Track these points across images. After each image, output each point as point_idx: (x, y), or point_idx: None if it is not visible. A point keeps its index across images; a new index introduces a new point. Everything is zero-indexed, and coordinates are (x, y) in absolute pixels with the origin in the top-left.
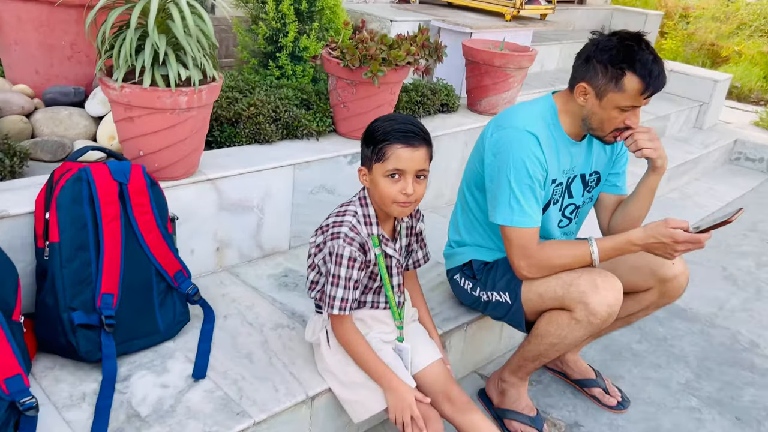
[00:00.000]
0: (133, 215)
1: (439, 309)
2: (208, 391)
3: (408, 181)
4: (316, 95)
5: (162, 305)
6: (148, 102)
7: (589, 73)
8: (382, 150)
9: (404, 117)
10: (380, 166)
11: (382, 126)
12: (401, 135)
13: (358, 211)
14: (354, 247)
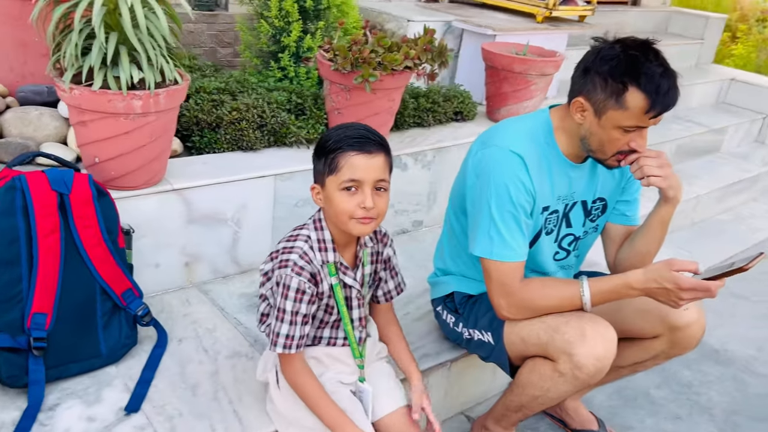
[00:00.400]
0: (75, 228)
1: (421, 343)
2: (136, 428)
3: (366, 192)
4: (314, 100)
5: (106, 327)
6: (99, 106)
7: (587, 86)
8: (335, 160)
9: (357, 125)
10: (334, 179)
11: (333, 135)
12: (354, 141)
13: (312, 235)
14: (303, 277)
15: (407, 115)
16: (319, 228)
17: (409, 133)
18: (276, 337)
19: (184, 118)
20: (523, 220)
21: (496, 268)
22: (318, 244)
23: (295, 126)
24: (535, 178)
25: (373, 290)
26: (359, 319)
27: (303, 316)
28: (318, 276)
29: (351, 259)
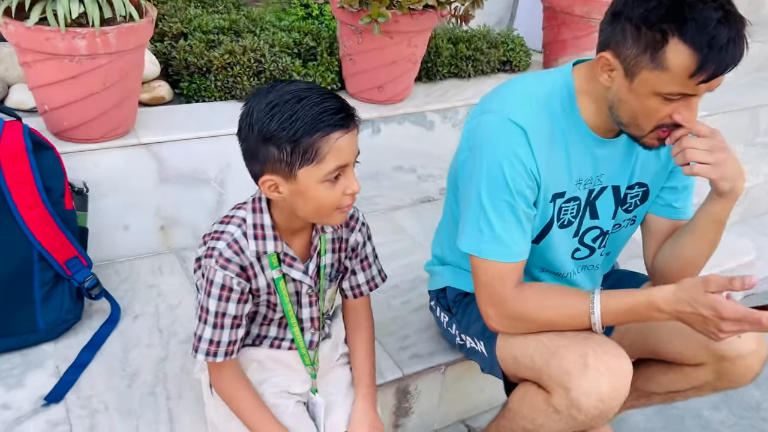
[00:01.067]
0: (6, 186)
1: (414, 340)
2: (49, 424)
3: (350, 175)
4: (330, 44)
5: (46, 299)
6: (37, 45)
7: (615, 36)
8: (313, 147)
9: (307, 85)
10: (313, 171)
11: (291, 110)
12: (338, 118)
13: (248, 218)
14: (230, 271)
15: (441, 64)
16: (258, 210)
17: (442, 86)
18: (198, 342)
19: (174, 60)
20: (521, 209)
21: (485, 268)
22: (254, 230)
23: (298, 74)
24: (541, 157)
25: (337, 282)
26: (311, 320)
27: (232, 318)
28: (250, 270)
29: (303, 247)
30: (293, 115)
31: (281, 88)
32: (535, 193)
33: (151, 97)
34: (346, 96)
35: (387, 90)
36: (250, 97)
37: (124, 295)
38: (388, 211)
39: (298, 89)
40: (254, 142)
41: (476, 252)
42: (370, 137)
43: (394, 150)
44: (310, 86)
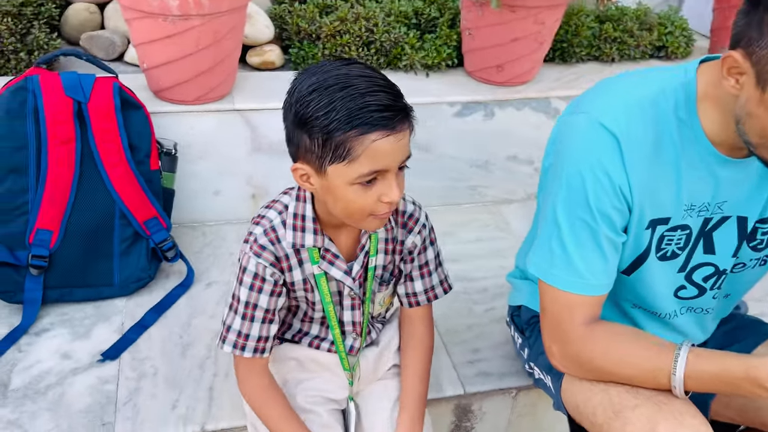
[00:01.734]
0: (94, 142)
1: (485, 355)
2: (99, 381)
3: (390, 182)
4: (453, 15)
5: (125, 255)
6: (134, 3)
7: (749, 31)
8: (344, 145)
9: (362, 71)
10: (344, 170)
11: (330, 98)
12: (378, 116)
13: (291, 206)
14: (263, 260)
15: (578, 45)
16: (302, 199)
17: (576, 70)
18: (226, 332)
19: (287, 25)
20: (604, 234)
21: (553, 297)
22: (294, 220)
23: (411, 46)
24: (637, 173)
25: (392, 287)
26: (353, 324)
27: (264, 311)
28: (284, 261)
29: (349, 245)
30: (330, 104)
31: (331, 69)
32: (625, 217)
33: (261, 62)
34: (462, 74)
35: (507, 70)
36: (300, 72)
37: (205, 259)
38: (497, 204)
39: (347, 75)
40: (291, 125)
41: (544, 276)
42: (482, 121)
43: (509, 137)
44: (363, 73)
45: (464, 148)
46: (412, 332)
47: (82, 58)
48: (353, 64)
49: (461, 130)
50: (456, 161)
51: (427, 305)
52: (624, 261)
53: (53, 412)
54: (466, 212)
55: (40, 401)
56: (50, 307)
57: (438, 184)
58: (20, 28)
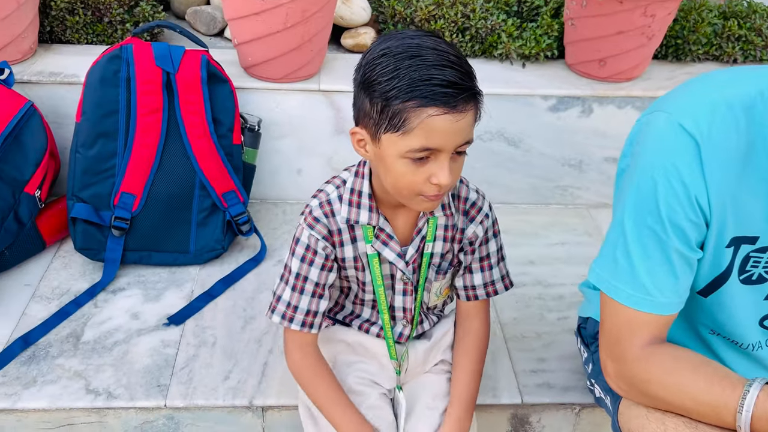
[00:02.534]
0: (180, 114)
1: (550, 366)
2: (162, 344)
3: (443, 163)
4: (559, 5)
5: (202, 225)
6: None
7: None
8: (400, 115)
9: (436, 44)
10: (396, 140)
11: (396, 65)
12: (439, 92)
13: (349, 181)
14: (315, 232)
15: (695, 42)
16: (360, 175)
17: (691, 69)
18: (276, 302)
19: (383, 8)
20: (675, 248)
21: (613, 311)
22: (350, 195)
23: (508, 35)
24: (718, 183)
25: (450, 277)
26: (404, 310)
27: (314, 284)
28: (336, 236)
29: (406, 227)
30: (395, 71)
31: (406, 37)
32: (702, 231)
33: (354, 44)
34: (562, 67)
35: (610, 65)
36: (381, 36)
37: (280, 236)
38: (589, 208)
39: (419, 45)
40: (356, 86)
41: (605, 287)
42: (578, 118)
43: (607, 137)
44: (435, 46)
45: (557, 145)
46: (468, 327)
47: (176, 30)
48: (430, 36)
49: (555, 125)
50: (546, 159)
51: (485, 300)
52: (700, 280)
53: (116, 369)
54: (553, 213)
55: (106, 356)
56: (129, 268)
57: (525, 180)
58: (129, 0)
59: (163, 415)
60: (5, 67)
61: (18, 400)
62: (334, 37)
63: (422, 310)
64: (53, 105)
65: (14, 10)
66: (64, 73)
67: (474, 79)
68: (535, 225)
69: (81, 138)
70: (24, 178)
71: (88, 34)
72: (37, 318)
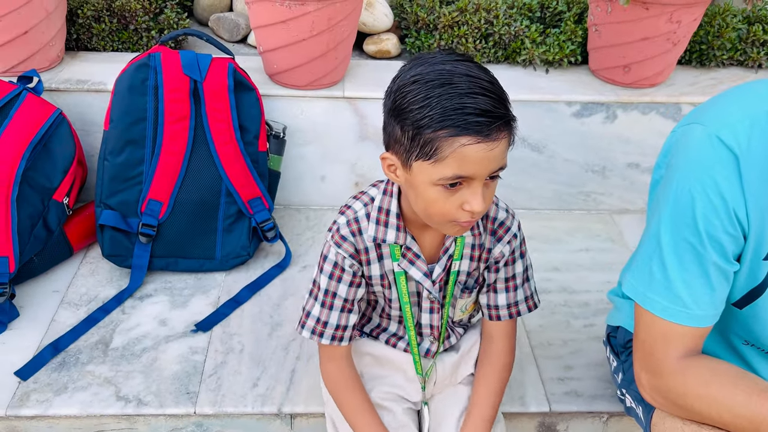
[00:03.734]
0: (207, 121)
1: (577, 374)
2: (190, 350)
3: (476, 190)
4: (582, 10)
5: (228, 231)
6: None
7: None
8: (432, 144)
9: (468, 69)
10: (428, 168)
11: (427, 93)
12: (472, 120)
13: (377, 199)
14: (342, 250)
15: (720, 47)
16: (389, 193)
17: (716, 75)
18: (305, 317)
19: (406, 14)
20: (712, 261)
21: (648, 322)
22: (378, 213)
23: (531, 41)
24: (757, 197)
25: (475, 294)
26: (431, 327)
27: (343, 300)
28: (363, 254)
29: (433, 246)
30: (427, 99)
31: (437, 62)
32: (739, 244)
33: (377, 50)
34: (586, 73)
35: (634, 71)
36: (409, 60)
37: (305, 242)
38: (613, 214)
39: (451, 72)
40: (387, 112)
41: (640, 299)
42: (602, 123)
43: (631, 143)
44: (468, 72)
45: (580, 150)
46: (490, 348)
47: (203, 38)
48: (462, 61)
49: (578, 131)
50: (570, 164)
51: (510, 321)
52: (736, 292)
53: (145, 375)
54: (577, 219)
55: (135, 363)
56: (156, 274)
57: (549, 186)
58: (154, 8)
59: (192, 422)
60: (34, 75)
61: (50, 406)
62: (356, 43)
63: (448, 324)
64: (81, 112)
65: (43, 19)
66: (91, 81)
67: (508, 105)
68: (558, 231)
69: (109, 145)
70: (53, 186)
71: (114, 42)
72: (66, 324)
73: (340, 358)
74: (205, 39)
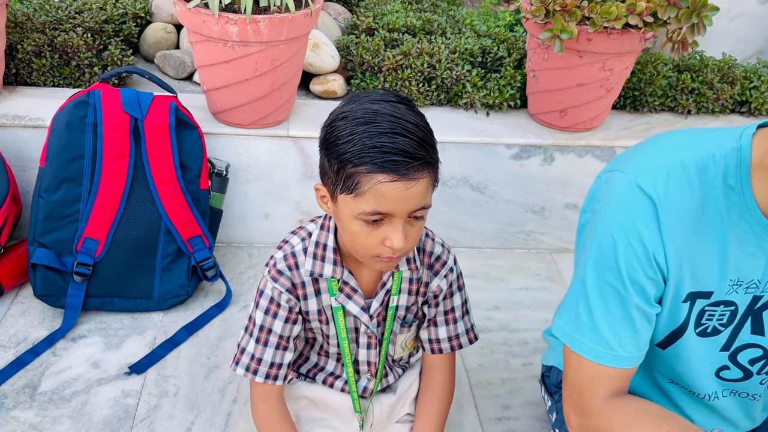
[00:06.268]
0: (147, 159)
1: (515, 413)
2: (122, 393)
3: (396, 227)
4: (522, 56)
5: (166, 270)
6: (196, 26)
7: None
8: (353, 178)
9: (394, 110)
10: (350, 201)
11: (351, 129)
12: (389, 159)
13: (314, 234)
14: (279, 285)
15: (651, 94)
16: (326, 228)
17: (648, 120)
18: (240, 354)
19: (352, 56)
20: (634, 303)
21: (576, 364)
22: (315, 248)
23: (472, 85)
24: (675, 242)
25: (415, 329)
26: (368, 364)
27: (278, 337)
28: (300, 289)
29: (371, 281)
30: (351, 135)
31: (367, 101)
32: (660, 288)
33: (323, 90)
34: (525, 116)
35: (570, 116)
36: (348, 96)
37: (246, 281)
38: (552, 253)
39: (377, 111)
40: (319, 145)
41: (568, 341)
42: (540, 165)
43: (568, 185)
44: (393, 113)
45: (520, 191)
46: (432, 381)
47: (145, 76)
48: (392, 102)
49: (518, 172)
50: (510, 204)
51: (450, 353)
52: (659, 334)
53: (74, 420)
54: (517, 258)
55: (64, 407)
56: (90, 314)
57: (490, 225)
58: (97, 44)
59: None
60: None
61: None
62: (303, 83)
63: (387, 362)
64: (16, 148)
65: None
66: (28, 116)
67: (429, 147)
68: (499, 269)
69: (45, 182)
70: None
71: (55, 77)
72: None
73: (273, 398)
74: (147, 77)
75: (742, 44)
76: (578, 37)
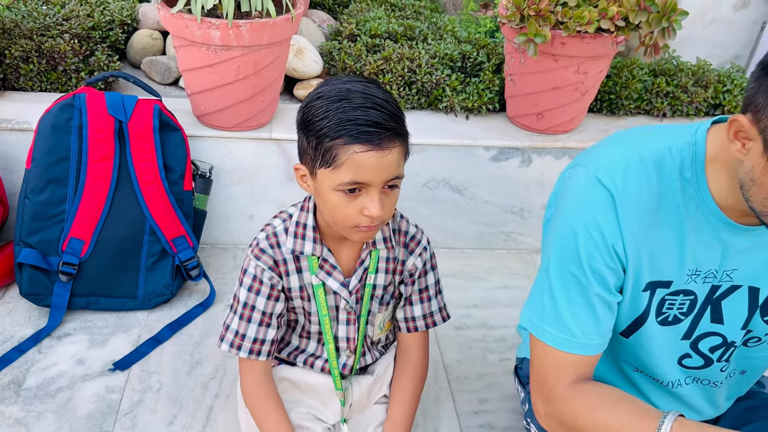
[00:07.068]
0: (131, 160)
1: (492, 407)
2: (106, 389)
3: (373, 197)
4: (500, 61)
5: (150, 270)
6: (179, 31)
7: (758, 97)
8: (331, 152)
9: (365, 88)
10: (329, 174)
11: (327, 107)
12: (364, 132)
13: (295, 215)
14: (261, 263)
15: (626, 97)
16: (306, 209)
17: (623, 123)
18: (225, 331)
19: (335, 61)
20: (595, 292)
21: (541, 352)
22: (296, 228)
23: (452, 89)
24: (633, 233)
25: (392, 309)
26: (347, 340)
27: (261, 313)
28: (282, 266)
29: (350, 259)
30: (326, 113)
31: (339, 82)
32: (620, 277)
33: (306, 94)
34: (503, 120)
35: (547, 118)
36: (322, 82)
37: (230, 281)
38: (531, 253)
39: (349, 90)
40: (297, 126)
41: (534, 329)
42: (518, 167)
43: (546, 186)
44: (364, 90)
45: (499, 192)
46: (407, 358)
47: (130, 80)
48: (362, 82)
49: (497, 174)
50: (490, 205)
51: (424, 332)
52: (621, 322)
53: (58, 415)
54: (497, 258)
55: (48, 403)
56: (76, 313)
57: (470, 226)
58: (84, 50)
59: None
60: None
61: None
62: (287, 88)
63: (366, 343)
64: (3, 151)
65: None
66: (15, 120)
67: (399, 120)
68: (479, 269)
69: (30, 184)
70: None
71: (42, 82)
72: None
73: (259, 374)
74: (132, 81)
75: (718, 49)
76: (552, 41)
